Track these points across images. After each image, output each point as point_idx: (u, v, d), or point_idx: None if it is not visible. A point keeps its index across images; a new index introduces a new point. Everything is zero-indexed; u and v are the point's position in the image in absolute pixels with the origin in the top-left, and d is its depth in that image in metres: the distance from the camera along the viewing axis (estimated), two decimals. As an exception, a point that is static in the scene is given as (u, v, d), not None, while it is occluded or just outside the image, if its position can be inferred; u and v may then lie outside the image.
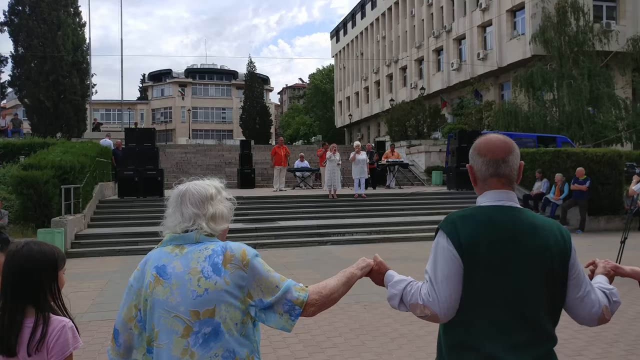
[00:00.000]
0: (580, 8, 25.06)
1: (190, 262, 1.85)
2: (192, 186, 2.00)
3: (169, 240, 1.94)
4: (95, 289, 7.96)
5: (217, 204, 1.99)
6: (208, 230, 1.92)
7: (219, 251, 1.87)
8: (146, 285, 1.87)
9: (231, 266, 1.85)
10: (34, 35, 33.82)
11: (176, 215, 1.94)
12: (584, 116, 23.66)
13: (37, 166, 12.23)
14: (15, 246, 2.01)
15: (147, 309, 1.86)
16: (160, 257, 1.91)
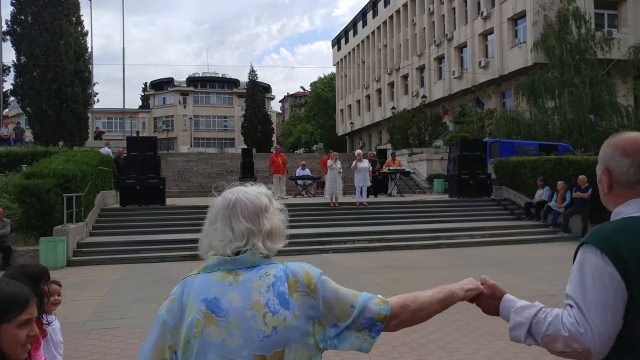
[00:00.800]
0: (582, 16, 25.12)
1: (251, 293, 1.50)
2: (243, 195, 1.62)
3: (217, 265, 1.56)
4: (96, 298, 7.95)
5: (272, 217, 1.64)
6: (264, 251, 1.58)
7: (282, 277, 1.54)
8: (191, 323, 1.50)
9: (298, 294, 1.52)
10: (36, 45, 33.97)
11: (225, 232, 1.56)
12: (586, 124, 23.67)
13: (39, 175, 12.25)
14: None
15: (193, 352, 1.49)
16: (208, 287, 1.53)
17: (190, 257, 11.68)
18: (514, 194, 17.51)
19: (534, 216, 15.84)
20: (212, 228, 1.60)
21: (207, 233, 1.61)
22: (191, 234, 13.39)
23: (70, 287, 8.88)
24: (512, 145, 21.00)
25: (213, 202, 1.66)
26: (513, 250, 12.60)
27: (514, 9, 30.84)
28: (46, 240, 10.78)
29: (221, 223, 1.58)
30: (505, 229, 14.78)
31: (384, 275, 9.37)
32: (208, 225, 1.62)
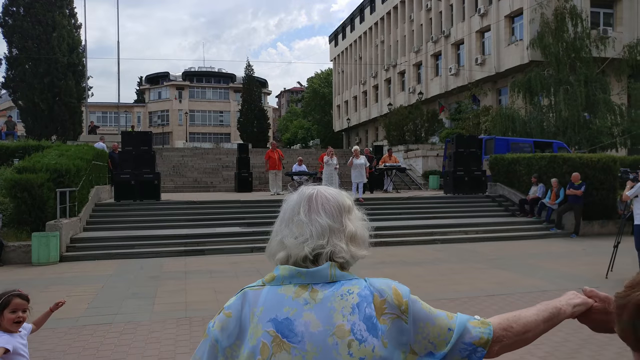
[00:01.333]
0: (578, 14, 25.16)
1: (332, 315, 1.24)
2: (324, 190, 1.41)
3: (289, 277, 1.29)
4: (90, 293, 7.93)
5: (355, 220, 1.41)
6: (347, 256, 1.33)
7: (367, 296, 1.27)
8: (254, 347, 1.23)
9: (387, 318, 1.26)
10: (28, 37, 33.70)
11: (302, 228, 1.32)
12: (580, 122, 23.75)
13: (32, 169, 12.16)
14: None
15: None
16: (278, 304, 1.26)
17: (185, 252, 11.68)
18: (508, 190, 17.56)
19: (528, 213, 15.90)
20: (285, 224, 1.36)
21: (278, 230, 1.38)
22: (186, 229, 13.41)
23: (64, 282, 8.87)
24: (507, 142, 21.04)
25: (287, 198, 1.44)
26: (507, 246, 12.65)
27: (511, 7, 30.86)
28: (39, 236, 10.72)
29: (298, 217, 1.34)
30: (500, 225, 14.84)
31: (378, 270, 9.38)
32: (280, 223, 1.38)
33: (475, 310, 6.63)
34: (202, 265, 10.21)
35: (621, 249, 8.96)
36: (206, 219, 14.43)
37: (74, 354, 5.25)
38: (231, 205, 16.02)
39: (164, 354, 5.24)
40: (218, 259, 11.11)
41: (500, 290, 7.86)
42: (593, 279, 8.61)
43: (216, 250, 11.89)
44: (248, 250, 12.02)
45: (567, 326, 1.97)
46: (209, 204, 15.86)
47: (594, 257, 10.81)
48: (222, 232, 13.10)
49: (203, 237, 12.69)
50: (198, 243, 12.29)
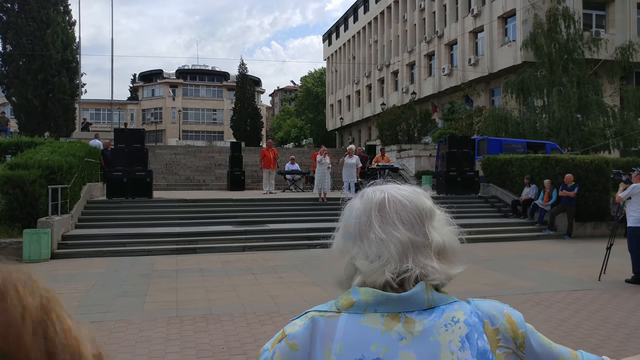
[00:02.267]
0: (570, 16, 25.27)
1: (439, 353, 0.96)
2: (396, 191, 1.10)
3: (373, 304, 0.99)
4: (81, 291, 7.88)
5: (441, 227, 1.13)
6: (440, 278, 1.04)
7: (476, 324, 1.01)
8: None
9: (502, 353, 1.00)
10: (22, 33, 33.52)
11: (375, 246, 1.02)
12: (573, 123, 23.85)
13: (24, 166, 12.08)
14: None
15: None
16: (363, 339, 0.97)
17: (177, 250, 11.64)
18: (501, 191, 17.62)
19: (520, 214, 15.95)
20: (352, 241, 1.07)
21: (344, 249, 1.09)
22: (178, 227, 13.36)
23: (55, 280, 8.80)
24: (500, 143, 21.11)
25: (349, 204, 1.15)
26: (499, 247, 12.69)
27: (504, 8, 30.96)
28: (30, 232, 10.65)
29: (366, 232, 1.05)
30: (492, 226, 14.88)
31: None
32: (343, 238, 1.10)
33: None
34: (194, 264, 10.17)
35: (614, 251, 9.00)
36: (198, 217, 14.39)
37: (64, 353, 5.21)
38: (223, 203, 15.98)
39: (154, 352, 5.21)
40: (210, 257, 11.07)
41: (492, 291, 7.87)
42: (586, 280, 8.64)
43: (208, 249, 11.85)
44: (240, 249, 12.00)
45: (559, 329, 1.97)
46: (201, 202, 15.82)
47: (586, 259, 10.86)
48: (214, 230, 13.06)
49: (195, 235, 12.64)
50: (190, 241, 12.25)
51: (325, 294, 7.68)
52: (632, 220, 8.66)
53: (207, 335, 5.69)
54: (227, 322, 6.21)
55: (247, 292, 7.83)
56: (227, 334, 5.76)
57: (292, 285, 8.30)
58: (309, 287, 8.14)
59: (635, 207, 8.63)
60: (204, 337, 5.56)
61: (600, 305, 7.01)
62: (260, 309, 6.81)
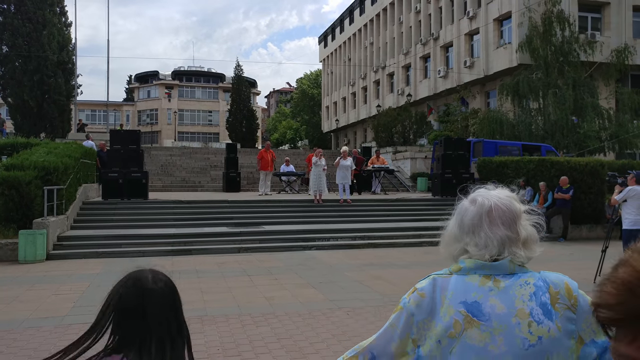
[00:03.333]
0: (566, 18, 25.39)
1: (514, 301, 1.48)
2: (498, 200, 1.58)
3: (474, 269, 1.53)
4: (76, 292, 7.87)
5: (526, 223, 1.59)
6: (524, 260, 1.55)
7: (542, 287, 1.50)
8: (447, 324, 1.48)
9: (559, 307, 1.48)
10: (18, 34, 33.47)
11: (482, 239, 1.54)
12: (568, 125, 23.94)
13: (20, 167, 12.07)
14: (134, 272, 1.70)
15: (448, 351, 1.48)
16: (466, 289, 1.51)
17: (172, 252, 11.63)
18: (496, 193, 17.65)
19: (515, 216, 15.98)
20: (465, 233, 1.58)
21: (458, 237, 1.60)
22: (173, 228, 13.35)
23: (50, 281, 8.79)
24: (496, 145, 21.17)
25: (461, 206, 1.65)
26: (494, 249, 12.70)
27: (500, 10, 31.07)
28: (25, 233, 10.63)
29: (478, 229, 1.55)
30: (487, 228, 14.89)
31: (366, 272, 9.40)
32: (459, 229, 1.60)
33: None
34: (189, 265, 10.17)
35: (609, 254, 9.03)
36: (194, 218, 14.38)
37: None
38: (219, 205, 15.97)
39: (151, 354, 5.21)
40: (205, 258, 11.07)
41: (487, 292, 7.89)
42: (581, 283, 8.57)
43: (203, 250, 11.84)
44: (235, 250, 12.00)
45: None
46: (197, 204, 15.81)
47: (581, 261, 10.90)
48: (210, 232, 13.06)
49: (190, 236, 12.64)
50: (185, 243, 12.24)
51: (320, 295, 7.70)
52: (628, 223, 8.71)
53: (202, 336, 5.69)
54: (222, 324, 6.21)
55: (243, 293, 7.84)
56: (222, 335, 5.77)
57: (288, 286, 8.30)
58: (305, 288, 8.15)
59: (631, 209, 8.68)
60: (199, 338, 5.57)
61: (594, 306, 7.04)
62: (255, 311, 6.82)
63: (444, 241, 1.66)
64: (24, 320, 6.33)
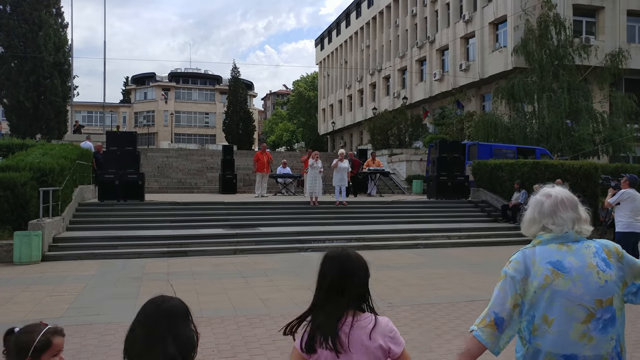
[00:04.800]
0: (561, 22, 25.51)
1: (584, 257, 2.14)
2: (565, 193, 2.27)
3: (551, 240, 2.19)
4: (72, 293, 7.88)
5: (583, 210, 2.27)
6: (586, 232, 2.23)
7: (599, 248, 2.19)
8: (540, 278, 2.11)
9: (613, 260, 2.17)
10: (14, 35, 33.44)
11: (559, 220, 2.20)
12: (563, 129, 24.05)
13: (15, 168, 12.05)
14: (330, 250, 2.25)
15: (543, 297, 2.10)
16: (549, 254, 2.15)
17: (168, 253, 11.64)
18: (491, 196, 17.74)
19: (510, 218, 16.07)
20: (544, 216, 2.22)
21: (537, 220, 2.24)
22: (169, 230, 13.36)
23: (45, 282, 8.80)
24: (491, 148, 21.26)
25: (536, 199, 2.29)
26: (489, 251, 12.78)
27: (495, 14, 31.19)
28: (21, 235, 10.62)
29: (556, 213, 2.21)
30: (482, 231, 14.98)
31: (361, 274, 9.43)
32: (538, 215, 2.24)
33: (457, 315, 6.72)
34: (185, 267, 10.19)
35: (600, 255, 9.09)
36: (190, 220, 14.39)
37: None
38: (215, 206, 15.99)
39: (146, 354, 5.23)
40: (201, 260, 11.09)
41: (482, 295, 7.94)
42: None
43: (199, 252, 11.86)
44: (231, 252, 12.01)
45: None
46: (193, 205, 15.82)
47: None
48: (206, 233, 13.08)
49: (186, 238, 12.65)
50: (181, 244, 12.25)
51: (315, 297, 7.72)
52: (621, 226, 8.77)
53: (197, 337, 5.72)
54: (217, 325, 6.24)
55: (238, 295, 7.87)
56: (218, 337, 5.80)
57: (283, 288, 8.34)
58: (300, 290, 8.18)
59: (624, 212, 8.74)
60: (195, 339, 5.59)
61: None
62: (251, 312, 6.85)
63: (524, 226, 2.31)
64: (18, 322, 6.34)
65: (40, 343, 1.97)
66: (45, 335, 1.99)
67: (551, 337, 2.08)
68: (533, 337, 2.13)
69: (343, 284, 2.09)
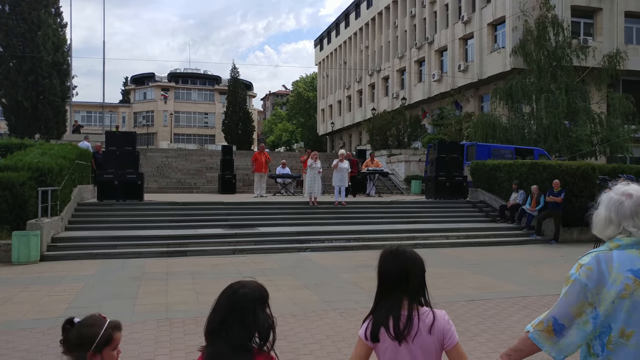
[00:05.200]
0: (559, 24, 25.56)
1: None
2: None
3: (631, 244, 1.99)
4: (70, 293, 7.89)
5: None
6: None
7: None
8: (619, 287, 1.92)
9: None
10: (13, 35, 33.41)
11: None
12: (561, 129, 24.10)
13: (14, 168, 12.03)
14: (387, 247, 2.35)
15: (621, 309, 1.92)
16: (630, 260, 1.96)
17: (167, 253, 11.65)
18: (489, 196, 17.76)
19: (508, 219, 16.09)
20: (623, 218, 2.01)
21: (615, 222, 2.02)
22: (168, 230, 13.36)
23: (44, 282, 8.80)
24: (489, 149, 21.29)
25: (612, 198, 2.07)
26: (487, 251, 12.80)
27: (494, 15, 31.24)
28: (19, 234, 10.61)
29: (638, 215, 1.99)
30: (480, 231, 15.00)
31: (360, 274, 9.46)
32: (616, 216, 2.02)
33: (456, 315, 6.73)
34: (184, 267, 10.20)
35: (598, 255, 9.11)
36: (189, 220, 14.40)
37: (52, 355, 5.22)
38: (214, 206, 16.00)
39: (144, 354, 5.25)
40: (200, 260, 11.10)
41: (480, 295, 7.97)
42: (570, 284, 8.73)
43: (198, 252, 11.87)
44: (230, 252, 12.03)
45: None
46: (192, 205, 15.83)
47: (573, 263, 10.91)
48: (205, 233, 13.09)
49: (185, 238, 12.66)
50: (180, 244, 12.26)
51: (314, 296, 7.75)
52: (617, 226, 8.80)
53: (196, 337, 5.73)
54: (216, 324, 6.24)
55: (237, 294, 7.86)
56: (217, 336, 5.80)
57: (282, 288, 8.35)
58: (299, 290, 8.20)
59: (620, 212, 8.77)
60: (194, 339, 5.61)
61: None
62: (249, 312, 6.85)
63: (598, 226, 2.09)
64: (17, 322, 6.35)
65: (104, 338, 2.04)
66: (107, 330, 2.07)
67: (629, 352, 1.91)
68: (607, 352, 1.96)
69: (401, 279, 2.20)
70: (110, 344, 2.06)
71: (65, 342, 2.03)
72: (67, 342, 2.02)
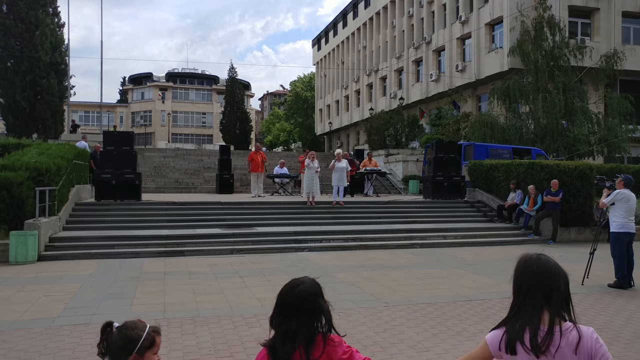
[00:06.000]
0: (556, 24, 25.61)
1: None
2: None
3: None
4: (68, 293, 7.87)
5: None
6: None
7: None
8: None
9: None
10: (10, 34, 33.35)
11: None
12: (558, 129, 24.14)
13: (11, 167, 12.00)
14: (527, 255, 2.20)
15: None
16: None
17: (165, 253, 11.64)
18: (487, 196, 17.78)
19: (506, 218, 16.11)
20: None
21: None
22: (166, 230, 13.35)
23: (41, 282, 8.79)
24: (487, 149, 21.31)
25: None
26: (485, 251, 12.82)
27: (492, 15, 31.28)
28: (16, 234, 10.59)
29: None
30: (478, 231, 15.01)
31: (357, 274, 9.46)
32: None
33: (453, 315, 6.74)
34: (182, 267, 10.19)
35: (597, 256, 9.15)
36: (187, 220, 14.39)
37: (49, 355, 5.22)
38: (212, 206, 15.99)
39: (143, 354, 5.24)
40: (198, 260, 11.09)
41: (478, 295, 7.97)
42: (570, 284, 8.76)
43: (196, 252, 11.86)
44: (228, 252, 12.02)
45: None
46: (190, 205, 15.82)
47: (570, 263, 10.99)
48: (203, 233, 13.08)
49: (183, 238, 12.65)
50: (178, 244, 12.25)
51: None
52: (615, 226, 8.81)
53: (194, 337, 5.73)
54: (214, 325, 6.25)
55: (235, 294, 7.88)
56: (214, 337, 5.81)
57: (280, 288, 8.34)
58: (296, 290, 8.19)
59: (619, 213, 8.78)
60: (191, 339, 5.61)
61: (583, 309, 7.13)
62: (247, 312, 6.86)
63: None
64: (14, 322, 6.33)
65: (147, 341, 2.07)
66: (149, 333, 2.11)
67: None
68: None
69: (544, 291, 2.05)
70: (152, 348, 2.10)
71: (105, 345, 2.04)
72: (107, 344, 2.04)
